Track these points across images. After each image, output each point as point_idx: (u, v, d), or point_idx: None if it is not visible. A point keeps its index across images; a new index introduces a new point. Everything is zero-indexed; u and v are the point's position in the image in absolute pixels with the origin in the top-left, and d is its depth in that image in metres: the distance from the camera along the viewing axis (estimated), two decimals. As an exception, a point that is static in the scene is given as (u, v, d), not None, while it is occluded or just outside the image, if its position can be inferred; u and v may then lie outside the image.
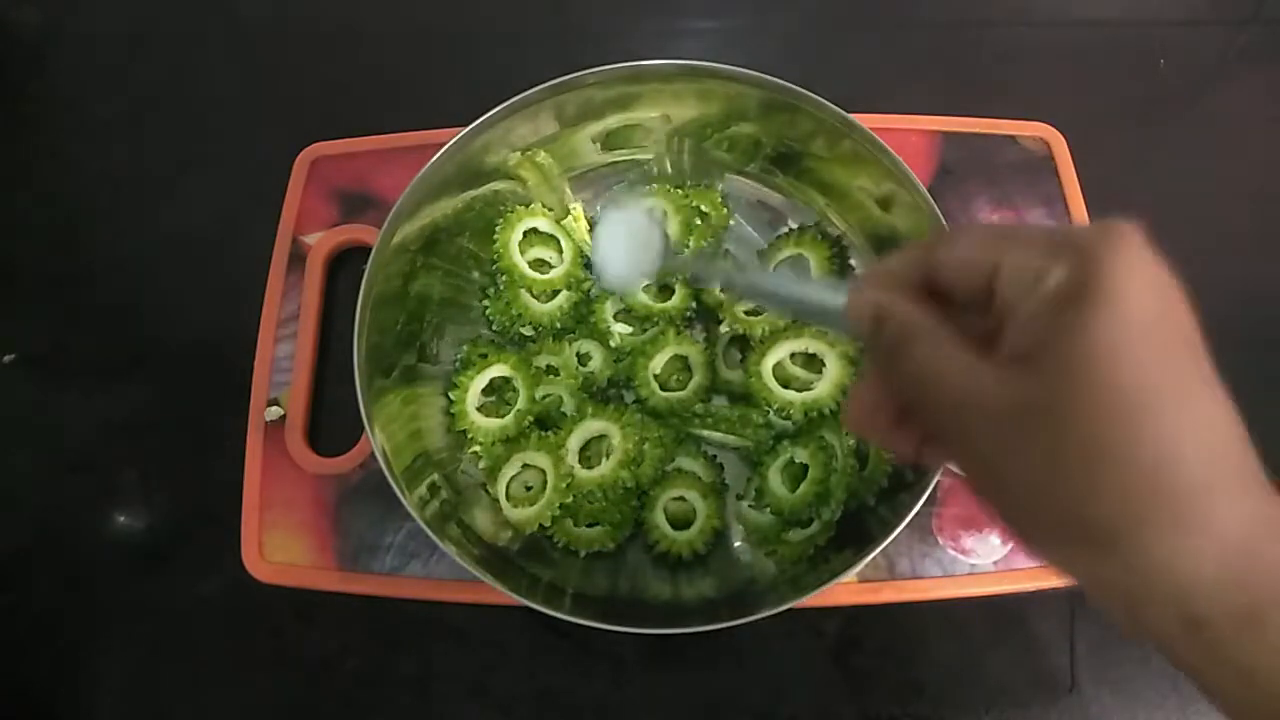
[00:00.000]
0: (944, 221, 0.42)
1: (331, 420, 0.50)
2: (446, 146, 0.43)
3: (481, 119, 0.43)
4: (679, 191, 0.50)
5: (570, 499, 0.44)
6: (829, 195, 0.49)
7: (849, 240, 0.49)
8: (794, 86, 0.43)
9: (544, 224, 0.49)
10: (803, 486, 0.44)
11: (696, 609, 0.43)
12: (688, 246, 0.49)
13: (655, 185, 0.50)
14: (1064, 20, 0.63)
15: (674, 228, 0.49)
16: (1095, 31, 0.63)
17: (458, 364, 0.48)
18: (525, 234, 0.49)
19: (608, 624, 0.37)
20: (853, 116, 0.43)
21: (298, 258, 0.52)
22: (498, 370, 0.47)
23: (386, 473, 0.39)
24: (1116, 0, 0.64)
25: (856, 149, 0.44)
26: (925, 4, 0.64)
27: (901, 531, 0.37)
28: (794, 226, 0.51)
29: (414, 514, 0.38)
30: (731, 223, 0.51)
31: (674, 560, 0.45)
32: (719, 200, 0.50)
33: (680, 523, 0.45)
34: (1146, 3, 0.63)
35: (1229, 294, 0.53)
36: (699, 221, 0.49)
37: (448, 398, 0.47)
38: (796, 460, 0.45)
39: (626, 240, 0.40)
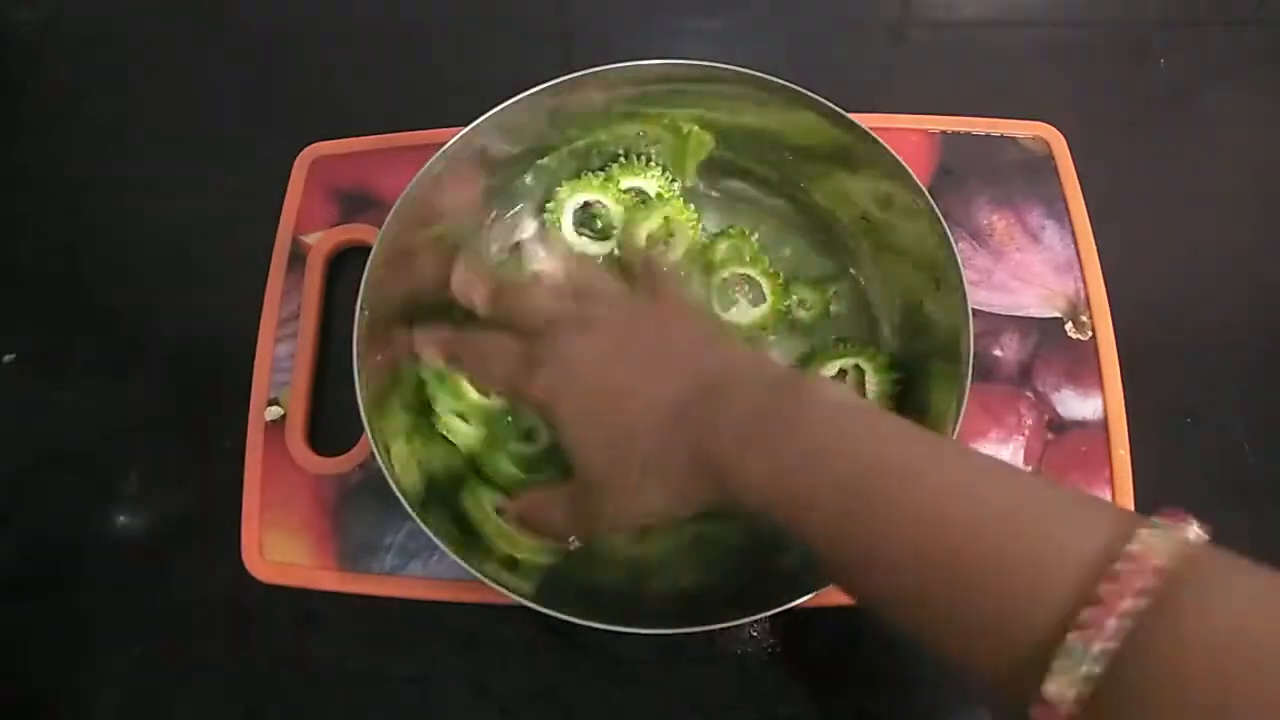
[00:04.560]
0: (944, 223, 0.42)
1: (331, 420, 0.50)
2: (450, 143, 0.43)
3: (484, 117, 0.43)
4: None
5: None
6: (829, 196, 0.49)
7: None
8: (794, 86, 0.43)
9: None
10: None
11: (697, 609, 0.43)
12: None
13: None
14: (1064, 20, 0.63)
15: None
16: (1095, 31, 0.63)
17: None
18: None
19: (608, 624, 0.37)
20: (852, 116, 0.43)
21: (298, 258, 0.52)
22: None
23: (386, 472, 0.39)
24: (1116, 0, 0.64)
25: (856, 149, 0.44)
26: (925, 4, 0.64)
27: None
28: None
29: (413, 514, 0.38)
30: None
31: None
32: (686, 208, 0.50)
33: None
34: (1146, 3, 0.63)
35: (1229, 293, 0.54)
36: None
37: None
38: None
39: None
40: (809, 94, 0.43)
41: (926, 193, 0.42)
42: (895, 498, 0.27)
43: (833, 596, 0.37)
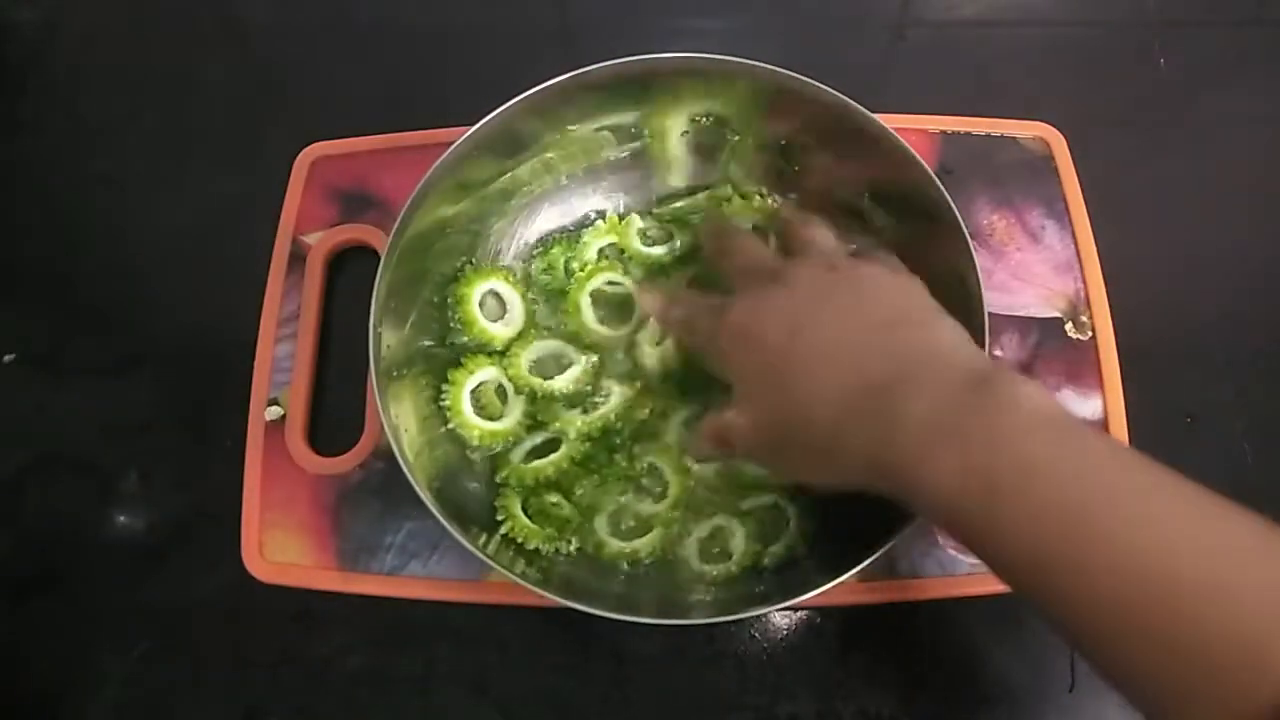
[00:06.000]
0: (961, 220, 0.42)
1: (331, 420, 0.50)
2: (469, 132, 0.43)
3: (482, 123, 0.43)
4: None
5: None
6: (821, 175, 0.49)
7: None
8: (804, 78, 0.44)
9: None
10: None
11: (697, 606, 0.43)
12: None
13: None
14: (1064, 20, 0.63)
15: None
16: (1095, 31, 0.63)
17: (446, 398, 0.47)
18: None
19: (611, 612, 0.37)
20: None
21: (298, 258, 0.52)
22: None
23: (400, 460, 0.39)
24: (1116, 0, 0.64)
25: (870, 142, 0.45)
26: (925, 4, 0.64)
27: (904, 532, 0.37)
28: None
29: (426, 498, 0.38)
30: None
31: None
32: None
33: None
34: (1146, 3, 0.63)
35: (1229, 293, 0.54)
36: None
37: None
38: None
39: None
40: (822, 86, 0.44)
41: (945, 191, 0.42)
42: (1100, 545, 0.25)
43: (832, 596, 0.37)
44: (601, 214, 0.51)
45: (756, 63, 0.44)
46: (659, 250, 0.50)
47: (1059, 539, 0.26)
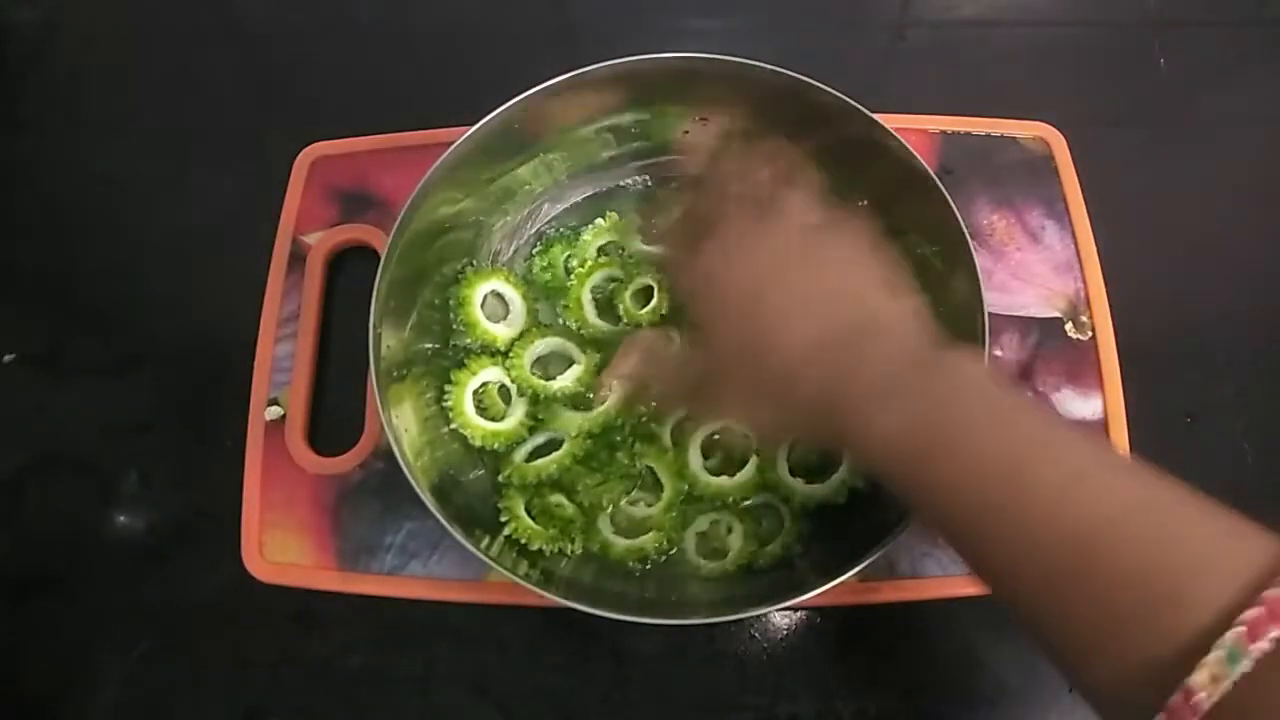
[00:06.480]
0: (961, 220, 0.42)
1: (331, 420, 0.50)
2: (469, 132, 0.43)
3: (510, 103, 0.43)
4: None
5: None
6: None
7: None
8: (804, 78, 0.44)
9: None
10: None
11: (697, 605, 0.43)
12: None
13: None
14: (1064, 20, 0.63)
15: None
16: (1095, 31, 0.63)
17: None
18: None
19: (611, 612, 0.37)
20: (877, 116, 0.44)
21: (298, 258, 0.52)
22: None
23: (401, 460, 0.39)
24: (1117, 0, 0.64)
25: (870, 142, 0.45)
26: (925, 4, 0.64)
27: (903, 532, 0.37)
28: None
29: (427, 500, 0.38)
30: None
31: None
32: None
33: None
34: (1146, 3, 0.63)
35: (1229, 293, 0.54)
36: None
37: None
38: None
39: None
40: (826, 88, 0.44)
41: (926, 166, 0.42)
42: (1032, 491, 0.27)
43: (832, 596, 0.37)
44: (602, 213, 0.51)
45: (756, 63, 0.44)
46: (659, 249, 0.50)
47: (991, 490, 0.28)
